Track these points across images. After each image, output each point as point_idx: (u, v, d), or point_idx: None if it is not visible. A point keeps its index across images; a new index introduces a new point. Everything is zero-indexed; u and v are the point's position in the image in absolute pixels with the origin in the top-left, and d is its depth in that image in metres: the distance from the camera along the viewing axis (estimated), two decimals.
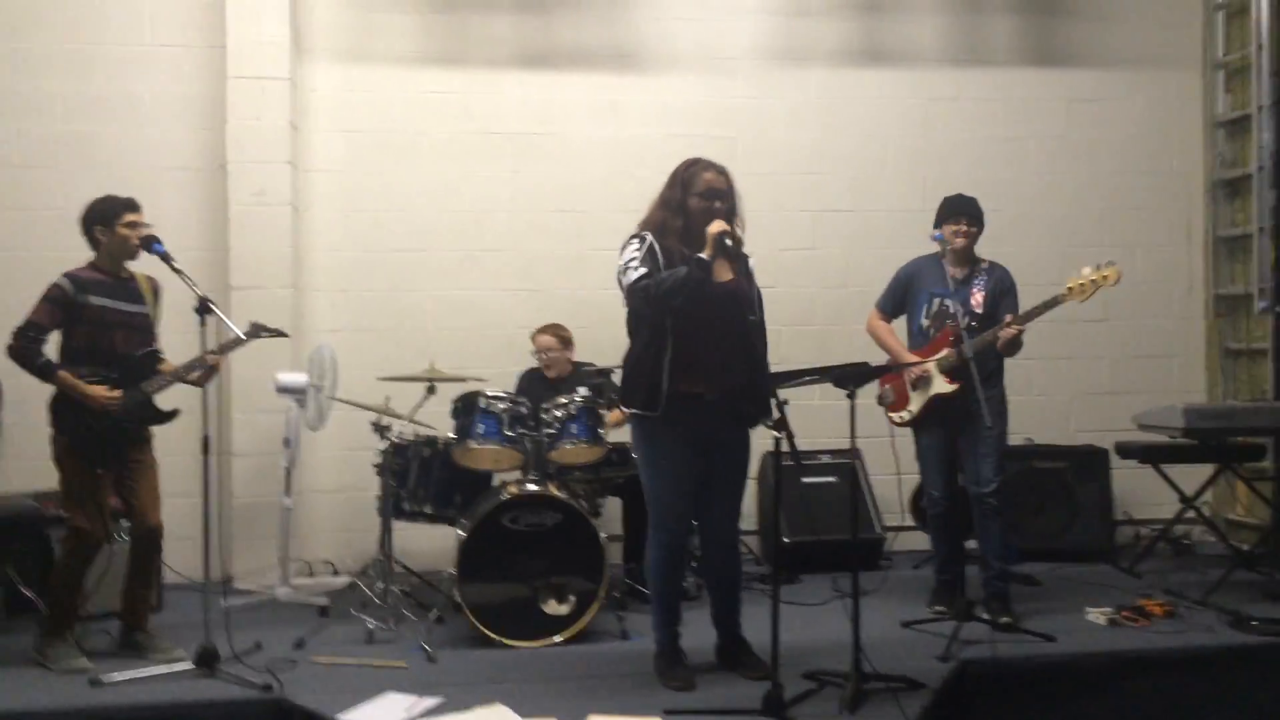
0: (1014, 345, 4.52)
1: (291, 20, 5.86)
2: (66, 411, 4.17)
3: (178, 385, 4.33)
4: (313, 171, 6.03)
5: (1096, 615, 4.61)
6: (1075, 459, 6.04)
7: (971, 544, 4.78)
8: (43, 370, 4.15)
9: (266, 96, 5.78)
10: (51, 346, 4.24)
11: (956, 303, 4.56)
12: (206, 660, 3.99)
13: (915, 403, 4.74)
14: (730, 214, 3.86)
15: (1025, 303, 4.61)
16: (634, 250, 3.83)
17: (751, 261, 3.95)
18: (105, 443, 4.20)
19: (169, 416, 4.40)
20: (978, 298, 4.65)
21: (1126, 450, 5.80)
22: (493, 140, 6.20)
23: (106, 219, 4.28)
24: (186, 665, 3.98)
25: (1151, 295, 6.58)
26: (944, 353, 4.61)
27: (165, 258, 4.18)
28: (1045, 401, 6.45)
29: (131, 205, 4.33)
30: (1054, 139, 6.59)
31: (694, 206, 3.81)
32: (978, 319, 4.58)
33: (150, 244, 4.22)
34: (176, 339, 4.54)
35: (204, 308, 4.06)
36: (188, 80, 5.90)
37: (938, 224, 4.77)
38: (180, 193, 5.87)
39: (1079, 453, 6.08)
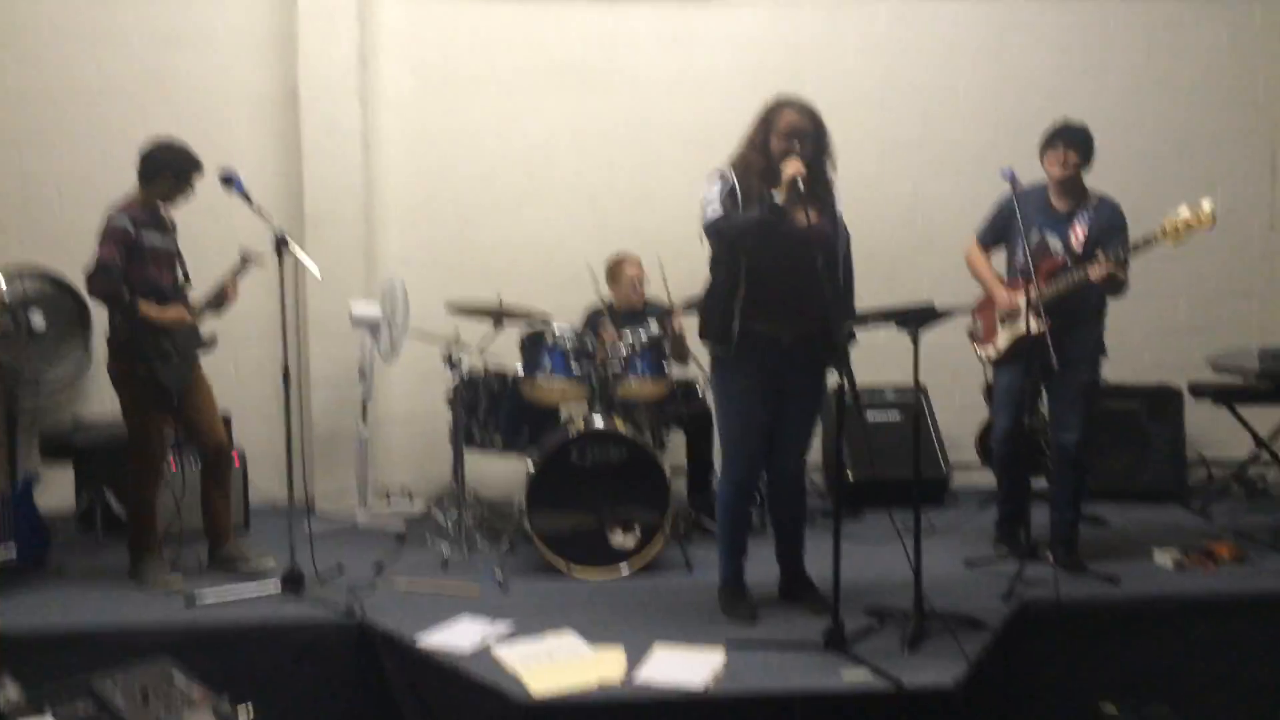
0: (1114, 284, 4.32)
1: None
2: (140, 342, 4.30)
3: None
4: (382, 104, 6.06)
5: (1163, 557, 4.59)
6: (1148, 398, 5.95)
7: (1041, 484, 4.73)
8: (128, 308, 4.29)
9: (336, 28, 5.82)
10: None
11: (1056, 238, 4.42)
12: (293, 582, 4.19)
13: (1002, 339, 4.61)
14: (818, 155, 3.81)
15: None
16: (715, 188, 3.82)
17: (840, 205, 3.91)
18: (181, 363, 4.38)
19: (211, 343, 4.58)
20: (1079, 234, 4.41)
21: (1199, 390, 5.72)
22: (559, 73, 6.18)
23: (181, 173, 4.40)
24: (274, 588, 4.17)
25: (1232, 231, 6.36)
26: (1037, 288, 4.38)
27: (245, 195, 4.28)
28: (1118, 340, 6.19)
29: (200, 168, 4.44)
30: (1133, 70, 6.39)
31: (775, 147, 3.77)
32: (1075, 258, 4.38)
33: (230, 180, 4.31)
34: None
35: (281, 244, 4.16)
36: (260, 11, 5.94)
37: (1041, 152, 4.53)
38: (254, 124, 5.96)
39: (1152, 392, 5.99)
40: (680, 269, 5.01)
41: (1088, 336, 4.47)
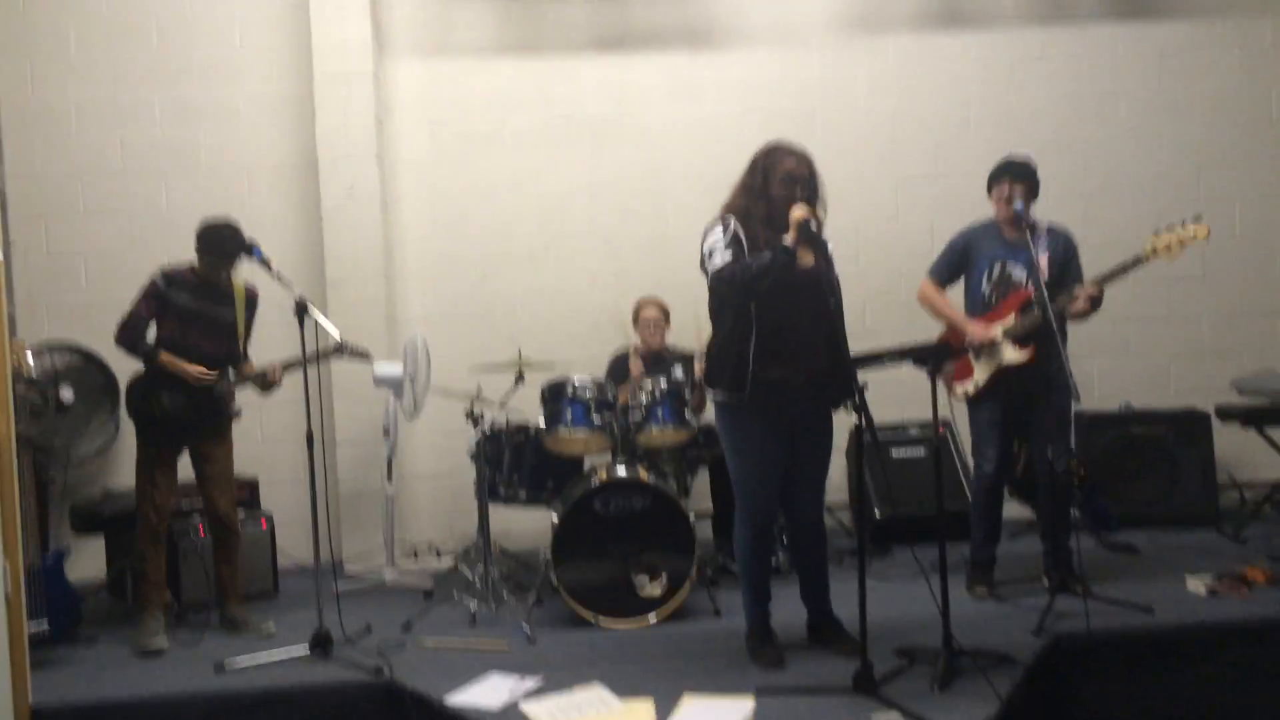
0: (1095, 306, 4.36)
1: (373, 17, 6.00)
2: (140, 391, 4.53)
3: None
4: (399, 164, 6.18)
5: (1196, 584, 4.52)
6: (1175, 423, 5.89)
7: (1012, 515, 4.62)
8: (147, 354, 4.50)
9: (352, 93, 5.93)
10: None
11: (1019, 267, 4.45)
12: (321, 644, 4.21)
13: (981, 373, 4.58)
14: (812, 198, 3.86)
15: (1101, 263, 4.41)
16: (718, 236, 3.85)
17: (831, 246, 3.95)
18: (176, 419, 4.51)
19: (235, 416, 4.71)
20: (1043, 261, 4.44)
21: (1227, 413, 5.66)
22: (572, 125, 6.27)
23: (224, 255, 4.54)
24: (302, 651, 4.20)
25: (1252, 251, 6.36)
26: (1010, 319, 4.48)
27: (265, 263, 4.38)
28: (1143, 365, 6.32)
29: (235, 251, 4.55)
30: (1145, 95, 6.39)
31: (776, 193, 3.82)
32: (1045, 285, 4.37)
33: (251, 249, 4.42)
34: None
35: (301, 309, 4.24)
36: (276, 81, 6.08)
37: (988, 188, 4.63)
38: (274, 191, 6.09)
39: (1179, 416, 5.93)
40: (701, 314, 5.03)
41: (1060, 363, 4.45)
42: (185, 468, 4.68)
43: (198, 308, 4.56)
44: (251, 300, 4.75)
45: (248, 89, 6.09)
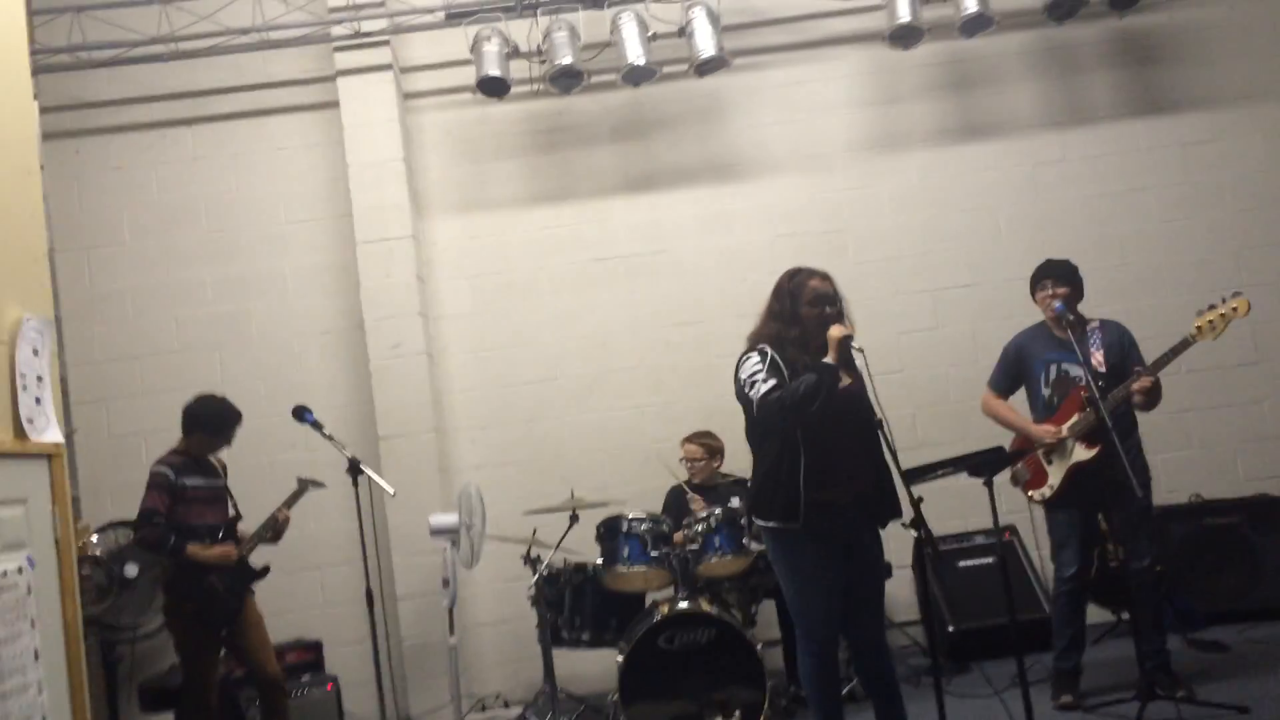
0: (1154, 396, 4.35)
1: (409, 181, 6.26)
2: (185, 581, 4.55)
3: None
4: (443, 319, 6.35)
5: None
6: (1249, 510, 5.73)
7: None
8: (174, 550, 4.55)
9: (394, 255, 6.14)
10: None
11: (1075, 366, 4.43)
12: None
13: (1055, 475, 4.54)
14: (841, 316, 3.89)
15: (1151, 356, 4.45)
16: (756, 364, 3.86)
17: (860, 361, 3.96)
18: (228, 598, 4.55)
19: (263, 573, 4.74)
20: (1098, 356, 4.46)
21: None
22: (608, 265, 6.42)
23: (214, 430, 4.71)
24: None
25: None
26: (1075, 418, 4.46)
27: (316, 426, 4.48)
28: (1208, 454, 6.18)
29: (230, 424, 4.72)
30: (1173, 186, 6.43)
31: (807, 315, 3.85)
32: (1104, 378, 4.39)
33: (302, 415, 4.54)
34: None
35: (355, 468, 4.31)
36: (321, 250, 6.33)
37: (1031, 292, 4.70)
38: (325, 355, 6.26)
39: (1252, 504, 5.77)
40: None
41: (1135, 457, 4.41)
42: None
43: (202, 486, 4.68)
44: (223, 466, 4.88)
45: (294, 260, 6.34)
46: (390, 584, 5.85)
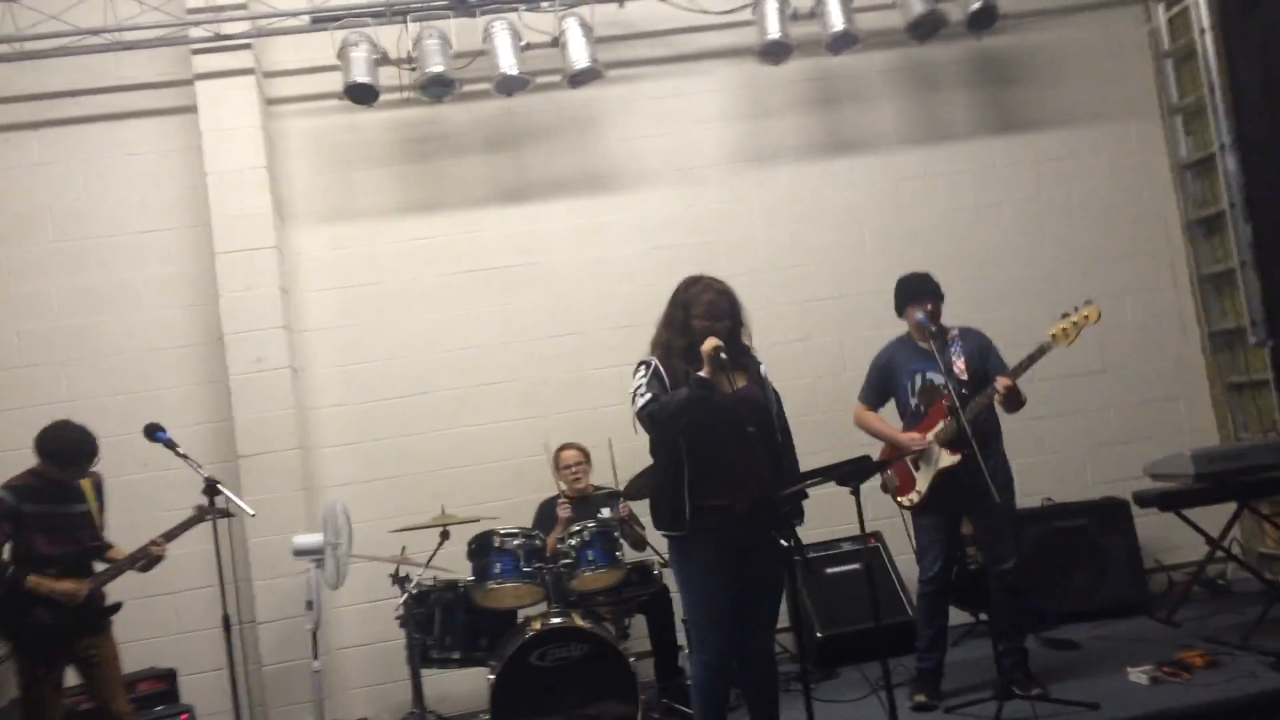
0: (1014, 401, 4.51)
1: (272, 190, 6.06)
2: (9, 613, 4.25)
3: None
4: (308, 331, 6.16)
5: (1138, 674, 4.55)
6: (1096, 513, 5.99)
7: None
8: (11, 581, 4.23)
9: (255, 266, 5.93)
10: None
11: (938, 375, 4.57)
12: None
13: (922, 481, 4.68)
14: (735, 327, 3.92)
15: (1011, 359, 4.62)
16: (640, 377, 3.88)
17: (764, 367, 3.99)
18: (54, 637, 4.26)
19: (113, 610, 4.49)
20: (960, 364, 4.61)
21: (1144, 499, 5.76)
22: (480, 277, 6.33)
23: (64, 464, 4.41)
24: None
25: (1147, 340, 6.60)
26: (940, 425, 4.60)
27: (170, 444, 4.29)
28: (1058, 459, 6.43)
29: (93, 456, 4.44)
30: (1027, 201, 6.69)
31: (697, 327, 3.86)
32: (966, 385, 4.54)
33: (154, 433, 4.34)
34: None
35: (212, 489, 4.14)
36: (177, 261, 6.08)
37: (900, 308, 4.82)
38: (181, 369, 6.01)
39: (1099, 507, 6.04)
40: (623, 451, 5.05)
41: (998, 463, 4.59)
42: None
43: (52, 512, 4.41)
44: (98, 486, 4.60)
45: (147, 270, 6.07)
46: (250, 608, 5.65)
